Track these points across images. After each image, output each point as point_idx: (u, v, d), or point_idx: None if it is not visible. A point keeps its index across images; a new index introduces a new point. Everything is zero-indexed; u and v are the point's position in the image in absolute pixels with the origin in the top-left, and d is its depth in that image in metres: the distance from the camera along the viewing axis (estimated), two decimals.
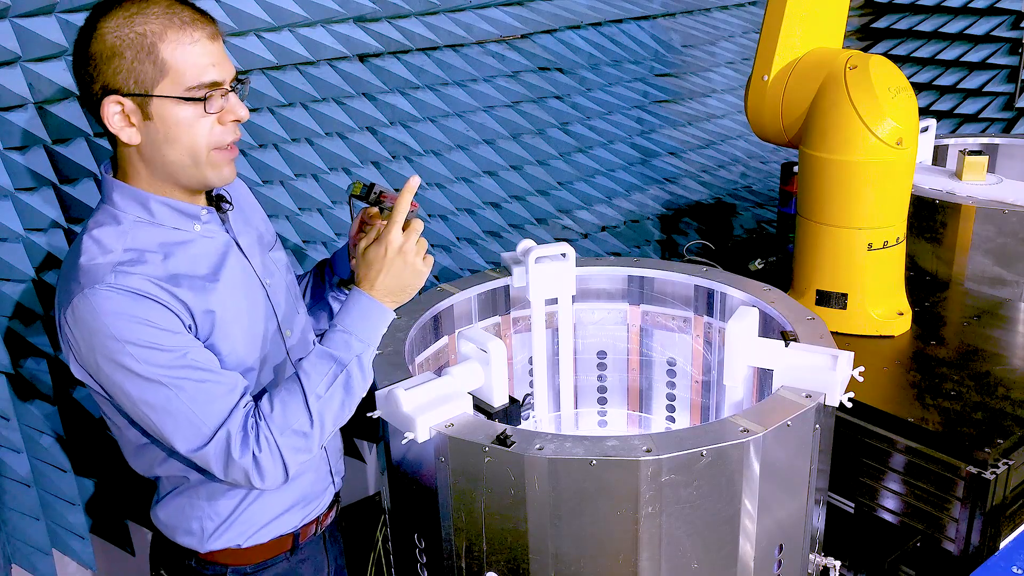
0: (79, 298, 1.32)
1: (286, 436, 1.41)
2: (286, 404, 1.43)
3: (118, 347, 1.32)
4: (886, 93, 2.14)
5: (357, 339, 1.48)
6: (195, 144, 1.39)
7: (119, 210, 1.41)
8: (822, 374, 1.56)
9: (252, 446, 1.39)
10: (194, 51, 1.36)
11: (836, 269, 2.28)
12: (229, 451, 1.38)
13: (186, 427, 1.37)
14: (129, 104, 1.35)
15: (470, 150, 2.77)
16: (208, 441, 1.37)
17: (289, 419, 1.42)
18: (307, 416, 1.43)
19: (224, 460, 1.39)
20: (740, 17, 3.81)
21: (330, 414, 1.46)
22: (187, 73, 1.35)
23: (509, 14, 2.86)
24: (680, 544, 1.45)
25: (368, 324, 1.50)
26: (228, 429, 1.38)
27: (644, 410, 2.21)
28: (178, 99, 1.36)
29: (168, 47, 1.34)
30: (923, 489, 1.90)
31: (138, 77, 1.34)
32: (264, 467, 1.40)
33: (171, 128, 1.37)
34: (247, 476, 1.40)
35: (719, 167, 3.55)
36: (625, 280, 2.11)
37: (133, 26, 1.33)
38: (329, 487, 1.71)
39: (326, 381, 1.45)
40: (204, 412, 1.37)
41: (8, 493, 1.93)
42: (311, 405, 1.43)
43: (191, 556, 1.58)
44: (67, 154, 1.96)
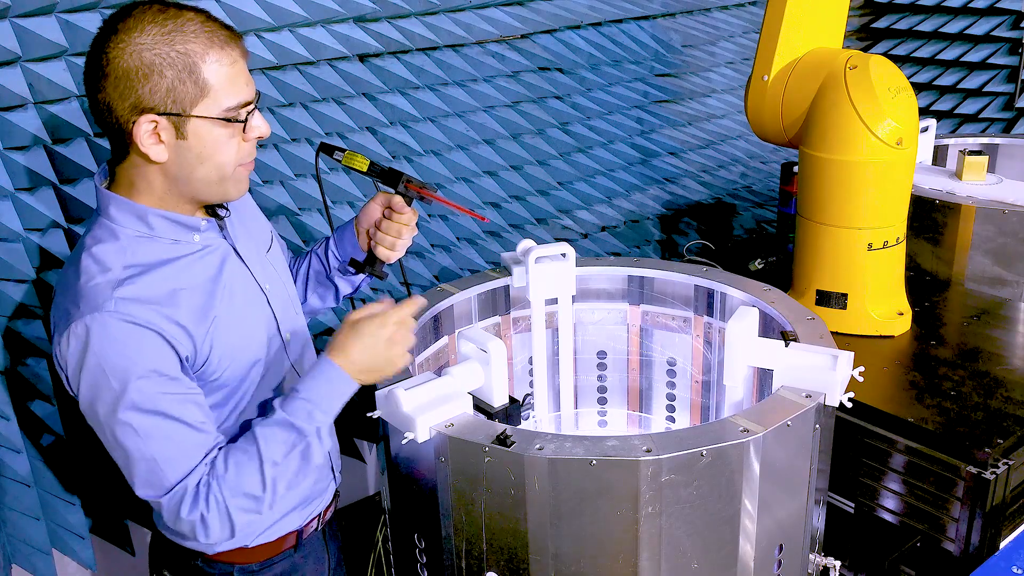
0: (76, 324, 1.31)
1: (237, 498, 1.39)
2: (240, 467, 1.39)
3: (104, 383, 1.32)
4: (886, 93, 2.14)
5: (320, 411, 1.43)
6: (225, 162, 1.39)
7: (117, 224, 1.39)
8: (822, 374, 1.56)
9: (201, 506, 1.37)
10: (232, 71, 1.35)
11: (836, 269, 2.28)
12: (179, 509, 1.37)
13: (147, 474, 1.36)
14: (164, 123, 1.32)
15: (470, 150, 2.77)
16: (164, 493, 1.37)
17: (242, 482, 1.39)
18: (260, 481, 1.40)
19: (175, 513, 1.38)
20: (740, 17, 3.80)
21: (283, 481, 1.43)
22: (227, 94, 1.35)
23: (509, 14, 2.86)
24: (680, 544, 1.45)
25: (333, 397, 1.46)
26: (186, 484, 1.37)
27: (644, 410, 2.21)
28: (217, 119, 1.35)
29: (210, 67, 1.32)
30: (923, 489, 1.90)
31: (177, 96, 1.31)
32: (211, 526, 1.38)
33: (205, 147, 1.36)
34: (193, 532, 1.39)
35: (719, 167, 3.55)
36: (625, 280, 2.11)
37: (174, 44, 1.30)
38: (331, 483, 1.73)
39: (284, 449, 1.41)
40: (168, 465, 1.36)
41: (8, 493, 1.93)
42: (265, 471, 1.40)
43: (197, 556, 1.58)
44: (67, 154, 1.96)
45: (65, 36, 1.92)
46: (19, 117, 1.89)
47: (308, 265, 1.83)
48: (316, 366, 1.46)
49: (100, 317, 1.30)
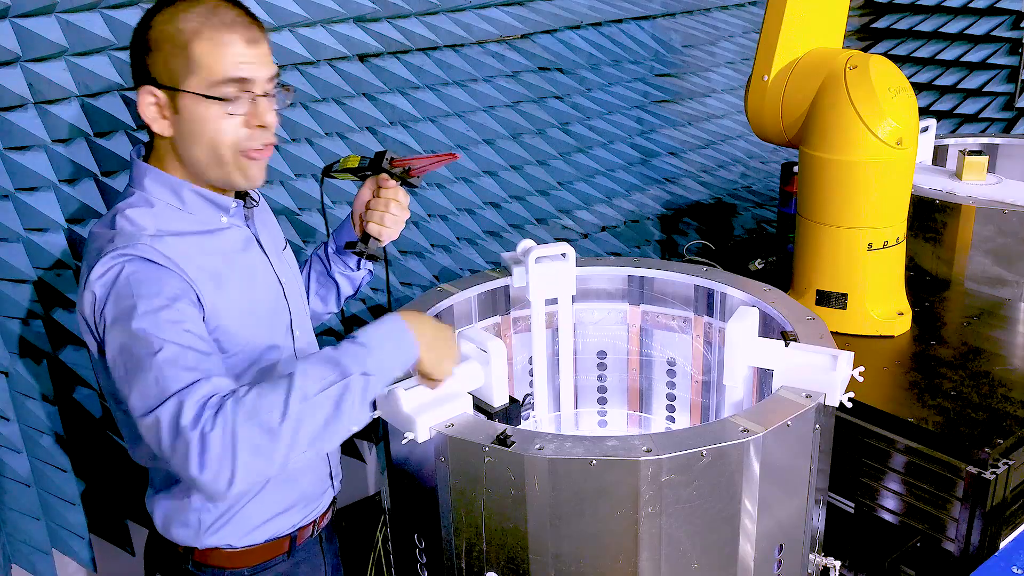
0: (111, 254, 1.34)
1: (248, 426, 1.22)
2: (263, 393, 1.25)
3: (128, 298, 1.32)
4: (886, 93, 2.14)
5: (372, 358, 1.33)
6: (217, 143, 1.42)
7: (151, 195, 1.45)
8: (822, 374, 1.56)
9: (204, 422, 1.21)
10: (225, 51, 1.39)
11: (836, 269, 2.28)
12: (178, 420, 1.22)
13: (150, 384, 1.26)
14: (162, 96, 1.39)
15: (470, 150, 2.77)
16: (160, 403, 1.24)
17: (260, 407, 1.23)
18: (281, 412, 1.23)
19: (172, 430, 1.22)
20: (740, 17, 3.80)
21: (308, 425, 1.25)
22: (214, 71, 1.38)
23: (509, 14, 2.86)
24: (680, 544, 1.45)
25: (391, 349, 1.36)
26: (181, 399, 1.23)
27: (644, 410, 2.21)
28: (203, 96, 1.38)
29: (201, 45, 1.37)
30: (923, 489, 1.90)
31: (170, 71, 1.38)
32: (209, 450, 1.20)
33: (196, 124, 1.40)
34: (187, 457, 1.20)
35: (719, 167, 3.55)
36: (625, 280, 2.11)
37: (176, 22, 1.38)
38: (328, 490, 1.71)
39: (318, 385, 1.27)
40: (171, 375, 1.26)
41: (8, 493, 1.93)
42: (291, 403, 1.24)
43: (187, 559, 1.57)
44: (67, 154, 1.96)
45: (65, 36, 1.92)
46: (19, 117, 1.89)
47: (310, 267, 1.85)
48: (381, 319, 1.40)
49: (135, 251, 1.35)
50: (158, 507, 1.58)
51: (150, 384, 1.26)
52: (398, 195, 1.71)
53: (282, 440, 1.23)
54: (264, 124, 1.44)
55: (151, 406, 1.25)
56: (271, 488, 1.56)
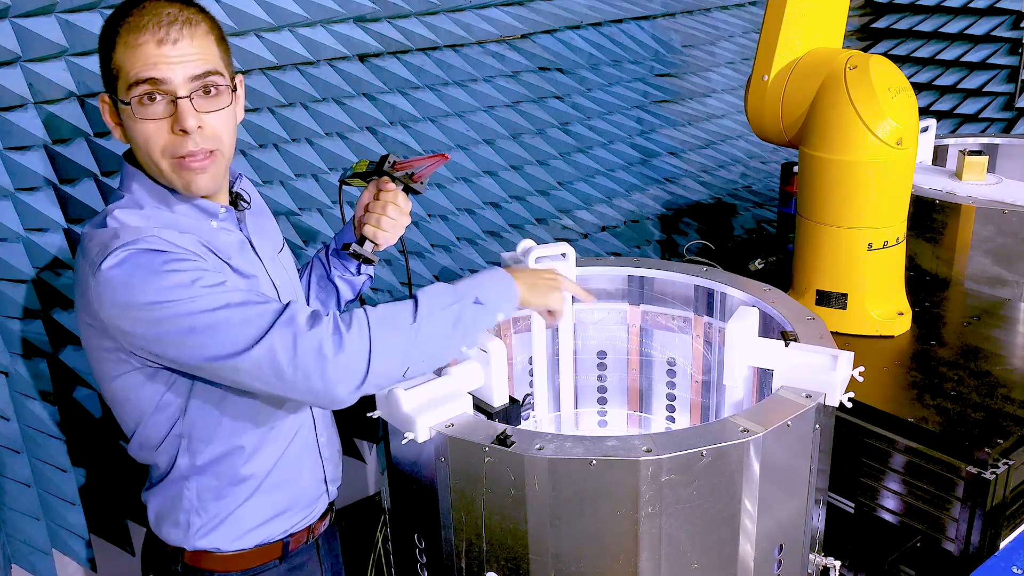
0: (121, 248, 1.31)
1: (384, 326, 1.34)
2: (389, 307, 1.39)
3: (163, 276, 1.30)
4: (886, 93, 2.14)
5: (481, 289, 1.47)
6: (149, 150, 1.38)
7: (138, 197, 1.43)
8: (822, 374, 1.56)
9: (335, 321, 1.31)
10: (136, 54, 1.33)
11: (836, 269, 2.28)
12: (296, 328, 1.29)
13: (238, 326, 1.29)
14: (109, 103, 1.40)
15: (470, 150, 2.77)
16: (267, 330, 1.29)
17: (392, 312, 1.37)
18: (412, 316, 1.37)
19: (292, 341, 1.28)
20: (740, 17, 3.80)
21: (433, 335, 1.40)
22: (127, 76, 1.34)
23: (509, 14, 2.86)
24: (680, 544, 1.45)
25: (496, 283, 1.51)
26: (292, 313, 1.31)
27: (644, 410, 2.21)
28: (121, 102, 1.37)
29: (120, 50, 1.35)
30: (923, 489, 1.90)
31: (107, 79, 1.38)
32: (347, 345, 1.30)
33: (130, 131, 1.39)
34: (320, 352, 1.29)
35: (719, 167, 3.55)
36: (625, 280, 2.11)
37: (109, 27, 1.37)
38: (323, 496, 1.69)
39: (441, 303, 1.41)
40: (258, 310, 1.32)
41: (8, 493, 1.93)
42: (420, 313, 1.38)
43: (177, 560, 1.56)
44: (67, 154, 1.96)
45: (65, 36, 1.92)
46: (19, 117, 1.89)
47: (310, 270, 1.84)
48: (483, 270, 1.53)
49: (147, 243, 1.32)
50: (152, 503, 1.57)
51: (239, 327, 1.30)
52: (397, 198, 1.70)
53: (411, 342, 1.37)
54: (184, 128, 1.34)
55: (254, 337, 1.29)
56: (264, 491, 1.55)
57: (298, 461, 1.60)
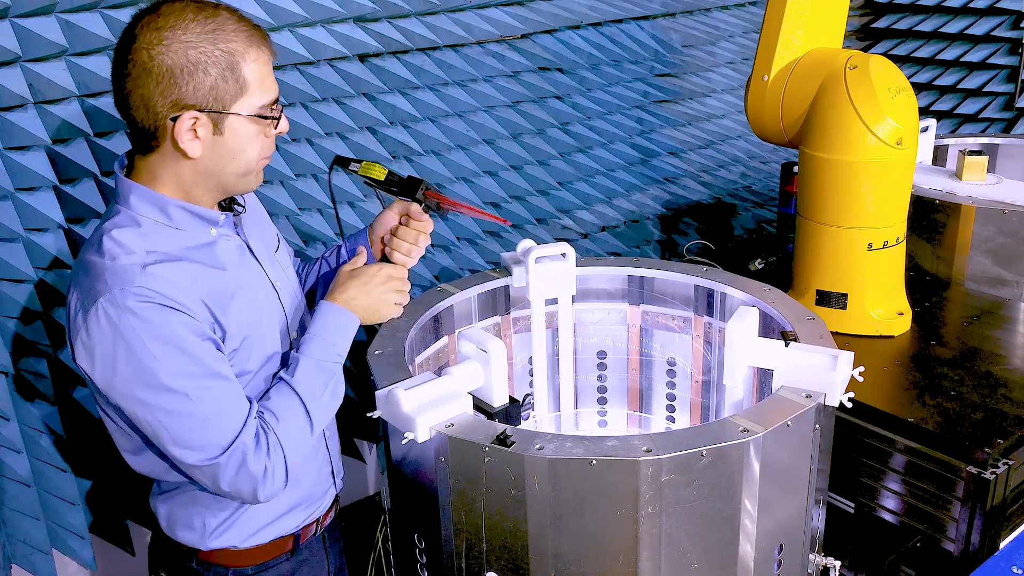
0: (106, 300, 1.30)
1: (289, 444, 1.44)
2: (287, 411, 1.46)
3: (143, 354, 1.31)
4: (886, 93, 2.14)
5: (337, 352, 1.54)
6: (252, 158, 1.43)
7: (137, 213, 1.40)
8: (822, 374, 1.56)
9: (264, 457, 1.41)
10: (266, 70, 1.40)
11: (836, 269, 2.28)
12: (244, 462, 1.39)
13: (203, 436, 1.36)
14: (204, 119, 1.35)
15: (470, 150, 2.77)
16: (224, 451, 1.37)
17: (291, 428, 1.45)
18: (308, 423, 1.48)
19: (236, 470, 1.39)
20: (740, 17, 3.81)
21: (321, 419, 1.51)
22: (262, 92, 1.39)
23: (509, 14, 2.86)
24: (680, 544, 1.45)
25: (345, 336, 1.56)
26: (244, 440, 1.39)
27: (644, 410, 2.21)
28: (253, 116, 1.39)
29: (248, 65, 1.36)
30: (923, 489, 1.90)
31: (219, 94, 1.34)
32: (273, 476, 1.42)
33: (240, 143, 1.40)
34: (253, 488, 1.41)
35: (719, 167, 3.55)
36: (625, 280, 2.11)
37: (218, 43, 1.33)
38: (330, 488, 1.72)
39: (319, 389, 1.50)
40: (225, 421, 1.38)
41: (8, 493, 1.93)
42: (310, 411, 1.48)
43: (191, 557, 1.58)
44: (67, 154, 1.96)
45: (65, 36, 1.92)
46: (19, 117, 1.89)
47: (318, 271, 1.83)
48: (317, 310, 1.56)
49: (131, 291, 1.30)
50: (162, 509, 1.58)
51: (200, 435, 1.36)
52: (429, 228, 1.71)
53: (309, 435, 1.49)
54: (284, 131, 1.46)
55: (212, 456, 1.37)
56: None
57: (308, 457, 1.62)
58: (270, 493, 1.43)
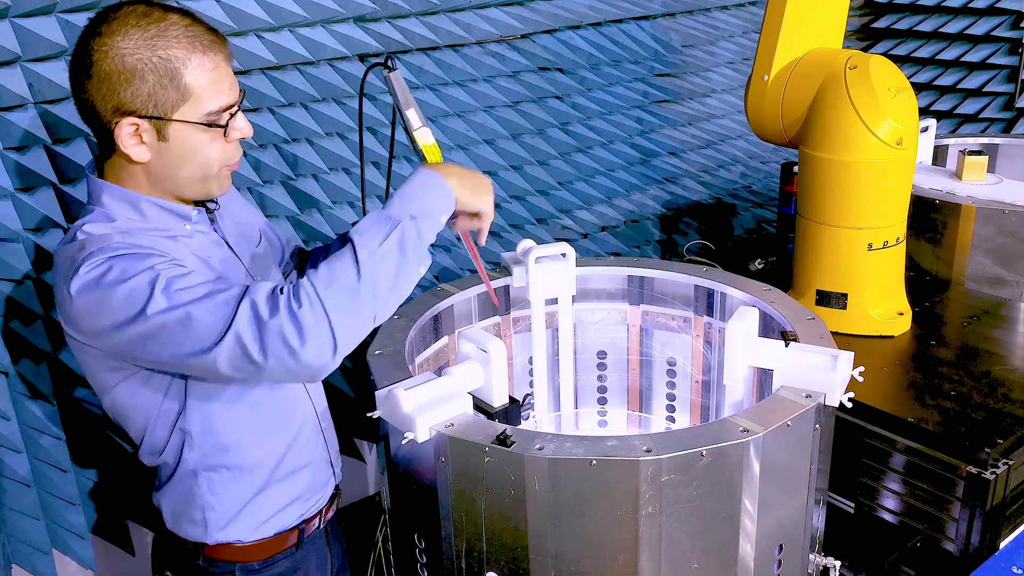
0: (89, 263, 1.30)
1: (331, 291, 1.28)
2: (331, 262, 1.32)
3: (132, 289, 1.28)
4: (886, 93, 2.14)
5: (415, 202, 1.40)
6: (208, 163, 1.41)
7: (109, 210, 1.41)
8: (822, 374, 1.56)
9: (288, 302, 1.26)
10: (215, 76, 1.37)
11: (836, 269, 2.28)
12: (259, 316, 1.26)
13: (205, 320, 1.27)
14: (145, 125, 1.35)
15: (470, 150, 2.77)
16: (230, 321, 1.26)
17: (334, 273, 1.30)
18: (355, 270, 1.31)
19: (256, 330, 1.26)
20: (740, 17, 3.80)
21: (383, 275, 1.33)
22: (208, 99, 1.36)
23: (509, 14, 2.86)
24: (680, 544, 1.45)
25: (428, 190, 1.43)
26: (251, 300, 1.28)
27: (644, 410, 2.21)
28: (198, 124, 1.37)
29: (192, 73, 1.34)
30: (923, 489, 1.90)
31: (158, 101, 1.33)
32: (306, 324, 1.25)
33: (187, 150, 1.38)
34: (286, 342, 1.25)
35: (719, 167, 3.55)
36: (625, 280, 2.11)
37: (156, 49, 1.32)
38: (330, 479, 1.73)
39: (377, 239, 1.34)
40: (221, 299, 1.29)
41: (8, 493, 1.93)
42: (361, 260, 1.31)
43: (197, 555, 1.58)
44: (67, 154, 1.96)
45: (65, 36, 1.92)
46: (19, 117, 1.89)
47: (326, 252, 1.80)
48: (412, 174, 1.46)
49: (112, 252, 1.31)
50: (166, 503, 1.58)
51: (205, 320, 1.27)
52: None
53: (365, 294, 1.31)
54: (246, 136, 1.43)
55: (220, 330, 1.26)
56: (277, 479, 1.58)
57: (306, 446, 1.63)
58: (316, 348, 1.27)
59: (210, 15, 2.13)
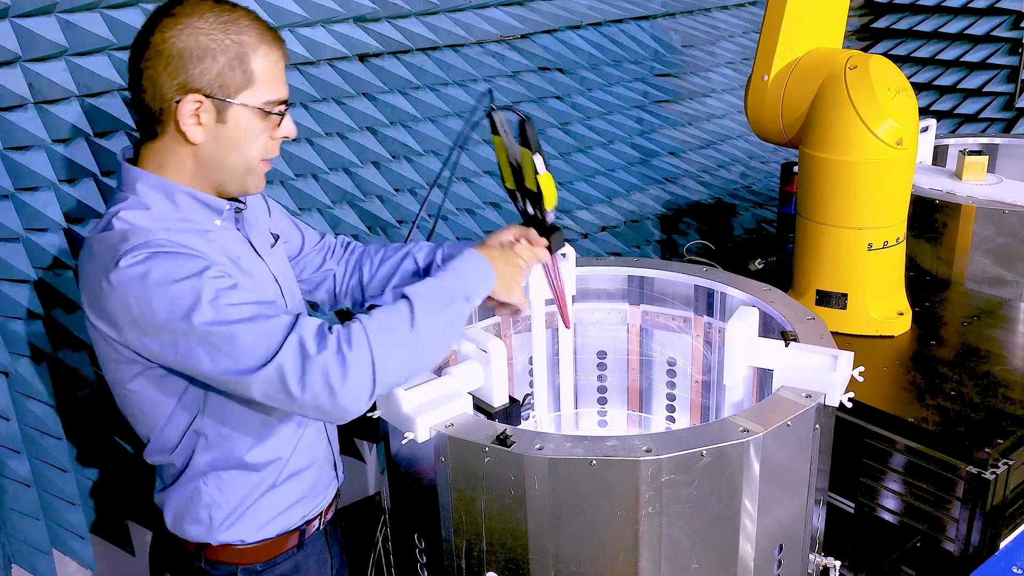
0: (131, 255, 1.30)
1: (382, 341, 1.33)
2: (386, 313, 1.37)
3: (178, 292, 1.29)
4: (886, 93, 2.14)
5: (468, 285, 1.49)
6: (253, 154, 1.45)
7: (144, 198, 1.42)
8: (822, 374, 1.56)
9: (338, 341, 1.30)
10: (277, 69, 1.44)
11: (836, 269, 2.28)
12: (305, 350, 1.28)
13: (248, 344, 1.29)
14: (207, 104, 1.38)
15: (470, 150, 2.77)
16: (277, 349, 1.28)
17: (389, 325, 1.35)
18: (408, 328, 1.36)
19: (300, 364, 1.28)
20: (740, 17, 3.80)
21: (430, 340, 1.40)
22: (269, 89, 1.42)
23: (509, 14, 2.86)
24: (680, 544, 1.45)
25: (476, 278, 1.52)
26: (299, 334, 1.30)
27: (644, 410, 2.21)
28: (258, 109, 1.41)
29: (258, 60, 1.41)
30: (923, 489, 1.90)
31: (224, 82, 1.38)
32: (351, 366, 1.29)
33: (240, 136, 1.42)
34: (327, 380, 1.28)
35: (719, 167, 3.55)
36: (625, 280, 2.11)
37: (229, 33, 1.38)
38: (333, 480, 1.72)
39: (436, 307, 1.41)
40: (268, 326, 1.31)
41: (8, 493, 1.93)
42: (417, 318, 1.37)
43: (199, 556, 1.57)
44: (67, 154, 1.96)
45: (65, 36, 1.92)
46: (19, 117, 1.89)
47: (397, 264, 1.80)
48: (464, 255, 1.56)
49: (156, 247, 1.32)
50: (169, 503, 1.57)
51: (250, 344, 1.29)
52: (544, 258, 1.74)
53: (411, 352, 1.38)
54: (290, 136, 1.48)
55: (263, 357, 1.29)
56: (283, 480, 1.58)
57: (312, 448, 1.63)
58: (354, 390, 1.30)
59: None
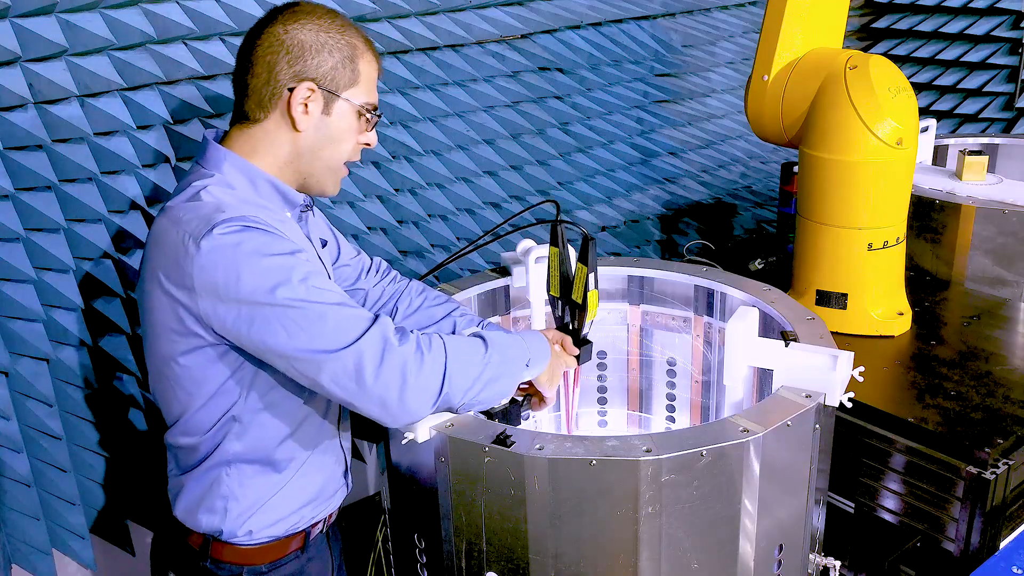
0: (225, 223, 1.35)
1: (458, 355, 1.43)
2: (459, 339, 1.48)
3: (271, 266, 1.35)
4: (886, 93, 2.14)
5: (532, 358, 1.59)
6: (341, 153, 1.54)
7: (228, 178, 1.47)
8: (822, 374, 1.57)
9: (418, 341, 1.40)
10: (375, 76, 1.56)
11: (836, 269, 2.28)
12: (387, 342, 1.36)
13: (333, 326, 1.36)
14: (318, 95, 1.48)
15: (470, 150, 2.77)
16: (361, 334, 1.36)
17: (465, 346, 1.46)
18: (481, 359, 1.47)
19: (381, 352, 1.36)
20: (740, 17, 3.80)
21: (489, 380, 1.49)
22: (368, 91, 1.54)
23: (509, 14, 2.86)
24: (680, 544, 1.45)
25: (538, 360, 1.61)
26: (383, 326, 1.38)
27: (644, 410, 2.21)
28: (358, 107, 1.52)
29: (364, 64, 1.52)
30: (923, 489, 1.90)
31: (336, 77, 1.49)
32: (426, 364, 1.39)
33: (340, 130, 1.52)
34: (403, 372, 1.36)
35: (719, 167, 3.55)
36: (625, 280, 2.11)
37: (344, 34, 1.50)
38: (342, 487, 1.72)
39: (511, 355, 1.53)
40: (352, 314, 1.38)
41: (8, 493, 1.93)
42: (489, 357, 1.48)
43: (204, 556, 1.57)
44: (68, 154, 1.95)
45: (65, 36, 1.92)
46: (19, 117, 1.89)
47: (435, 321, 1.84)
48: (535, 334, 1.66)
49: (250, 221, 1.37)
50: (184, 489, 1.56)
51: (337, 324, 1.36)
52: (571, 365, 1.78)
53: (474, 378, 1.46)
54: (372, 144, 1.58)
55: (347, 340, 1.35)
56: (299, 477, 1.58)
57: (326, 450, 1.64)
58: (420, 392, 1.39)
59: (210, 15, 2.13)
